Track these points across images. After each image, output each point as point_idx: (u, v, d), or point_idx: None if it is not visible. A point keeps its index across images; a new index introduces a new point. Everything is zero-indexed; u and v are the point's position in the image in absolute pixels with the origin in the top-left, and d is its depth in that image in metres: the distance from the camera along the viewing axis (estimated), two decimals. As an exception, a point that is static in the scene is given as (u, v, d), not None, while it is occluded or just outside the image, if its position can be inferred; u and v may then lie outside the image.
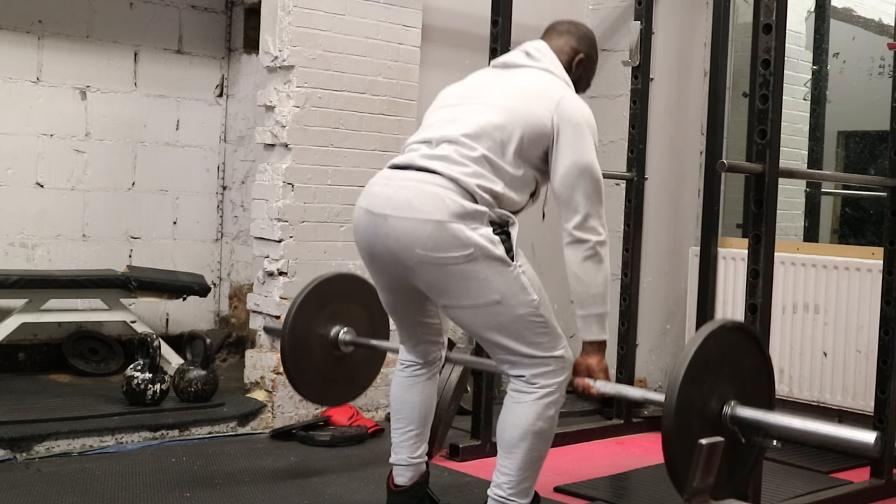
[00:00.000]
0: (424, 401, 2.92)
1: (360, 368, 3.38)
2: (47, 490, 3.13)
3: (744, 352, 2.43)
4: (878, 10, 4.88)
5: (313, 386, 3.28)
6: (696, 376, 2.27)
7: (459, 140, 2.56)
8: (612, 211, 4.46)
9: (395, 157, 2.69)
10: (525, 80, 2.67)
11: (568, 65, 2.77)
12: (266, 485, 3.31)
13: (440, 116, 2.70)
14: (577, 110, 2.59)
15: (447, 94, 2.81)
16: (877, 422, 3.48)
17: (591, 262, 2.55)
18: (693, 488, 2.33)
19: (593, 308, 2.58)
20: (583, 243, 2.54)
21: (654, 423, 4.38)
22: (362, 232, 2.63)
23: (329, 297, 3.26)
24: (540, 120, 2.56)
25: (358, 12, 4.22)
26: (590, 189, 2.54)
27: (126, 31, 4.98)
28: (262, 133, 4.17)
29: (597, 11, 5.08)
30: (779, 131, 2.93)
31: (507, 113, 2.57)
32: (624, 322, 4.34)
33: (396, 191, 2.53)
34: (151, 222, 5.11)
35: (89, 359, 4.68)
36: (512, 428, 2.59)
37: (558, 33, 2.83)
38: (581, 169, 2.54)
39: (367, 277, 3.46)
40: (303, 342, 3.20)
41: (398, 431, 2.91)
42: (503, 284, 2.49)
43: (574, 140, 2.55)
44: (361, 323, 3.30)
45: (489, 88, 2.68)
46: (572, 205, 2.54)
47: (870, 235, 4.74)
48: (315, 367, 3.24)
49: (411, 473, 2.89)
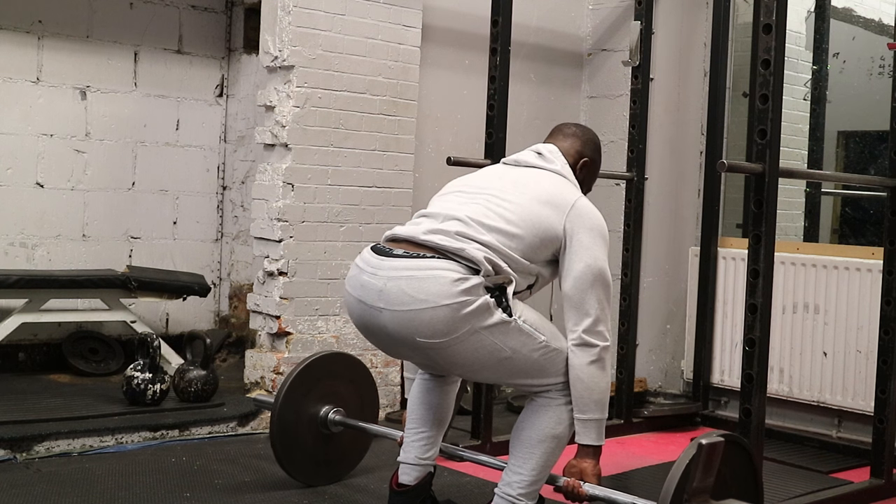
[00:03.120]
0: (441, 404, 2.92)
1: (349, 447, 3.40)
2: (47, 490, 3.13)
3: (734, 463, 2.48)
4: (878, 10, 4.88)
5: (302, 468, 3.29)
6: (685, 489, 2.32)
7: (468, 221, 2.57)
8: (613, 211, 4.46)
9: (396, 228, 2.67)
10: (538, 181, 2.70)
11: (573, 167, 2.81)
12: (266, 485, 3.31)
13: (449, 200, 2.70)
14: (589, 216, 2.63)
15: (456, 183, 2.81)
16: (877, 422, 3.48)
17: (595, 366, 2.58)
18: (693, 488, 2.33)
19: (593, 413, 2.61)
20: (590, 347, 2.58)
21: (654, 424, 4.38)
22: (357, 316, 2.62)
23: (318, 377, 3.28)
24: (552, 223, 2.59)
25: (358, 12, 4.22)
26: (602, 294, 2.59)
27: (126, 31, 4.98)
28: (262, 133, 4.17)
29: (597, 11, 5.08)
30: (779, 131, 2.93)
31: (521, 211, 2.60)
32: (624, 322, 4.34)
33: (387, 283, 2.51)
34: (151, 222, 5.10)
35: (89, 359, 4.68)
36: (533, 428, 2.62)
37: (564, 136, 2.87)
38: (595, 275, 2.58)
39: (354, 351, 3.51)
40: (292, 423, 3.22)
41: (410, 431, 2.92)
42: (510, 341, 2.52)
43: (588, 245, 2.59)
44: (351, 401, 3.34)
45: (502, 182, 2.70)
46: (583, 308, 2.58)
47: (870, 235, 4.75)
48: (304, 448, 3.26)
49: (417, 473, 2.88)
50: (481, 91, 3.87)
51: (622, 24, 4.90)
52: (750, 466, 2.56)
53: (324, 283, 4.20)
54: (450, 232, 2.55)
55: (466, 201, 2.65)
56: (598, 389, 2.59)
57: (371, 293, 2.53)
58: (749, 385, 2.93)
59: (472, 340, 2.48)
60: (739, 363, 3.06)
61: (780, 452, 3.92)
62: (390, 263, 2.54)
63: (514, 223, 2.58)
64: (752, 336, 2.94)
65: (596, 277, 2.58)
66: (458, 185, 2.79)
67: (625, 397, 4.33)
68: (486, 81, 3.80)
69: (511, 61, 3.81)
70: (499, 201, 2.62)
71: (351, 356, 3.46)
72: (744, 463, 2.54)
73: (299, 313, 4.13)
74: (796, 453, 3.98)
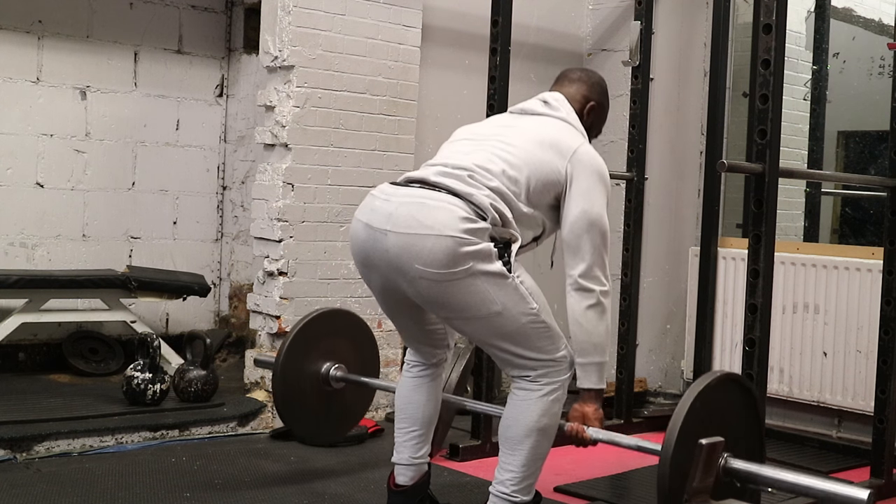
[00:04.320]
0: (429, 402, 2.93)
1: (351, 404, 3.41)
2: (47, 490, 3.13)
3: (736, 403, 2.47)
4: (878, 10, 4.88)
5: (306, 425, 3.31)
6: (690, 430, 2.31)
7: (475, 169, 2.60)
8: (613, 211, 4.43)
9: (408, 172, 2.72)
10: (543, 127, 2.71)
11: (580, 112, 2.82)
12: (266, 485, 3.31)
13: (457, 149, 2.72)
14: (590, 162, 2.64)
15: (464, 130, 2.84)
16: (877, 422, 3.48)
17: (594, 311, 2.59)
18: (693, 488, 2.33)
19: (593, 357, 2.61)
20: (587, 292, 2.58)
21: (654, 423, 4.38)
22: (360, 245, 2.63)
23: (319, 335, 3.29)
24: (553, 167, 2.61)
25: (358, 12, 4.22)
26: (598, 240, 2.59)
27: (126, 31, 4.98)
28: (262, 133, 4.17)
29: (597, 11, 5.08)
30: (779, 131, 2.93)
31: (524, 154, 2.62)
32: (624, 322, 4.34)
33: (398, 207, 2.54)
34: (151, 222, 5.11)
35: (89, 359, 4.68)
36: (517, 425, 2.61)
37: (570, 81, 2.87)
38: (591, 220, 2.59)
39: (356, 310, 3.52)
40: (294, 381, 3.23)
41: (402, 431, 2.92)
42: (503, 296, 2.52)
43: (586, 190, 2.60)
44: (351, 358, 3.35)
45: (507, 130, 2.73)
46: (579, 253, 2.59)
47: (870, 235, 4.75)
48: (307, 404, 3.27)
49: (413, 473, 2.89)
50: (481, 91, 3.87)
51: (622, 24, 4.90)
52: (752, 404, 2.51)
53: (324, 283, 4.20)
54: (461, 176, 2.57)
55: (473, 149, 2.67)
56: (597, 333, 2.59)
57: (380, 216, 2.56)
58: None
59: (468, 283, 2.48)
60: (739, 363, 3.05)
61: (780, 452, 3.92)
62: (405, 191, 2.59)
63: (516, 167, 2.60)
64: (752, 336, 2.94)
65: (592, 223, 2.59)
66: (465, 133, 2.82)
67: (625, 397, 4.33)
68: (486, 81, 3.80)
69: (511, 61, 3.80)
70: (503, 146, 2.65)
71: (351, 313, 3.43)
72: (745, 401, 2.49)
73: (299, 313, 4.12)
74: (796, 453, 3.98)
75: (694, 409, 2.32)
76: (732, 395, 2.46)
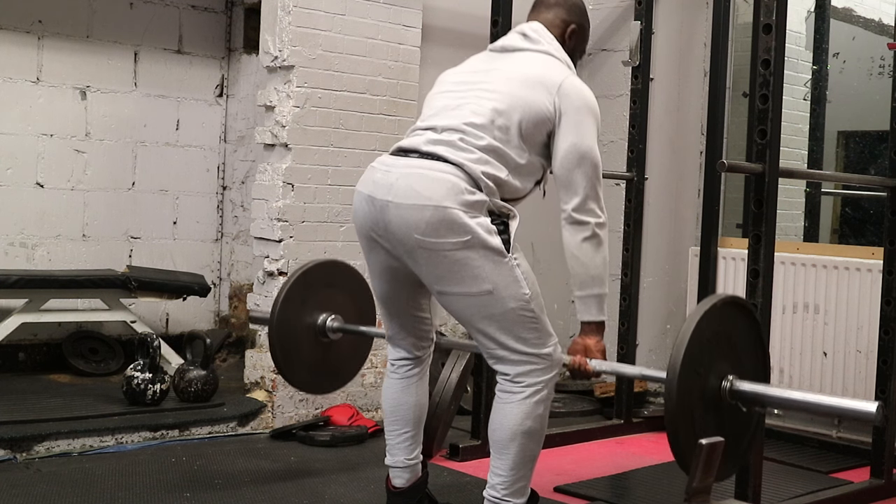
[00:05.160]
0: (419, 402, 2.90)
1: (348, 356, 3.37)
2: (47, 490, 3.13)
3: (739, 326, 2.43)
4: (878, 10, 4.88)
5: (304, 378, 3.26)
6: (694, 354, 2.27)
7: (464, 129, 2.56)
8: (613, 211, 4.44)
9: (400, 141, 2.68)
10: (525, 65, 2.66)
11: (561, 38, 2.75)
12: (266, 485, 3.31)
13: (443, 104, 2.68)
14: (578, 94, 2.59)
15: (447, 79, 2.79)
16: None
17: (589, 243, 2.55)
18: (693, 488, 2.33)
19: (592, 289, 2.58)
20: (582, 225, 2.55)
21: (654, 423, 4.38)
22: (362, 218, 2.63)
23: (314, 286, 3.24)
24: (541, 104, 2.56)
25: (358, 12, 4.22)
26: (589, 172, 2.55)
27: (126, 31, 4.98)
28: (262, 133, 4.17)
29: (597, 11, 5.08)
30: (779, 131, 2.93)
31: (510, 98, 2.57)
32: (624, 322, 4.34)
33: (398, 178, 2.53)
34: (151, 222, 5.11)
35: (89, 359, 4.68)
36: (501, 429, 2.57)
37: (547, 7, 2.79)
38: (581, 152, 2.55)
39: (358, 266, 3.47)
40: (290, 331, 3.18)
41: (394, 434, 2.90)
42: (496, 275, 2.49)
43: (575, 123, 2.56)
44: (348, 310, 3.30)
45: (490, 74, 2.67)
46: (572, 187, 2.55)
47: (870, 235, 4.74)
48: (303, 356, 3.22)
49: (409, 475, 2.88)
50: (481, 91, 3.86)
51: (622, 24, 4.90)
52: (755, 327, 2.48)
53: (324, 283, 4.20)
54: (452, 142, 2.55)
55: (460, 102, 2.62)
56: (594, 265, 2.55)
57: (382, 188, 2.55)
58: (749, 385, 2.93)
59: (463, 255, 2.46)
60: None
61: (780, 452, 3.92)
62: (404, 161, 2.58)
63: (505, 114, 2.56)
64: (752, 336, 2.93)
65: (583, 156, 2.55)
66: (449, 82, 2.76)
67: (625, 397, 4.33)
68: (486, 81, 3.79)
69: (511, 61, 3.80)
70: (488, 94, 2.60)
71: (345, 264, 3.39)
72: (749, 324, 2.47)
73: (299, 313, 4.13)
74: (796, 453, 3.98)
75: (698, 332, 2.28)
76: (736, 317, 2.42)
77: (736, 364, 2.37)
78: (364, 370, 4.26)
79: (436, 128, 2.61)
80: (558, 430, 4.10)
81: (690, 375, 2.27)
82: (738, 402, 2.35)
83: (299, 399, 4.08)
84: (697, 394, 2.31)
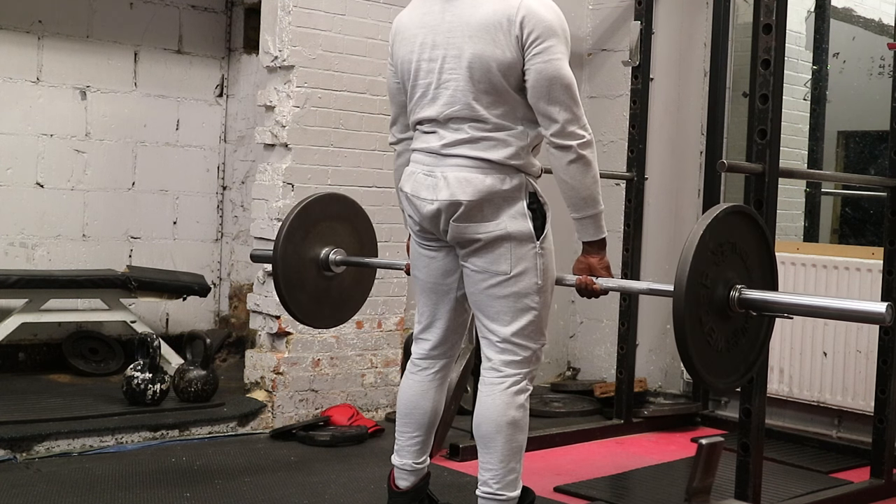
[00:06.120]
0: (435, 408, 2.87)
1: (351, 288, 3.34)
2: (47, 490, 3.13)
3: (745, 235, 2.40)
4: (878, 10, 4.87)
5: (309, 311, 3.23)
6: (700, 265, 2.24)
7: (466, 117, 2.55)
8: (613, 211, 4.46)
9: (417, 142, 2.67)
10: (476, 13, 2.53)
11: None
12: (266, 485, 3.31)
13: (425, 83, 2.61)
14: (535, 18, 2.48)
15: (409, 44, 2.65)
16: (877, 422, 3.48)
17: (576, 165, 2.51)
18: (693, 488, 2.33)
19: (586, 210, 2.55)
20: (565, 149, 2.50)
21: (654, 423, 4.38)
22: (410, 212, 2.68)
23: (316, 219, 3.21)
24: (504, 54, 2.49)
25: (358, 12, 4.22)
26: (561, 95, 2.49)
27: (126, 31, 4.98)
28: (262, 133, 4.17)
29: (597, 11, 5.08)
30: (779, 131, 2.93)
31: (479, 61, 2.51)
32: (624, 322, 4.34)
33: (438, 181, 2.57)
34: (151, 222, 5.11)
35: (89, 359, 4.68)
36: (486, 422, 2.58)
37: None
38: (549, 77, 2.48)
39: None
40: (293, 265, 3.14)
41: (405, 436, 2.86)
42: (516, 260, 2.52)
43: (538, 52, 2.49)
44: (350, 242, 3.27)
45: (450, 35, 2.56)
46: (549, 114, 2.51)
47: (870, 235, 4.74)
48: (307, 289, 3.19)
49: (414, 478, 2.87)
50: (481, 91, 3.86)
51: (622, 24, 4.90)
52: (761, 235, 2.45)
53: (324, 283, 4.19)
54: (466, 141, 2.56)
55: (442, 81, 2.57)
56: (585, 186, 2.52)
57: (425, 188, 2.60)
58: (749, 385, 2.93)
59: (498, 240, 2.52)
60: (739, 363, 3.05)
61: (780, 452, 3.92)
62: (443, 161, 2.59)
63: (486, 80, 2.51)
64: (752, 336, 2.93)
65: (551, 80, 2.48)
66: (414, 52, 2.64)
67: (625, 397, 4.33)
68: (486, 81, 3.79)
69: (511, 61, 3.80)
70: (461, 62, 2.53)
71: (346, 197, 3.34)
72: (755, 232, 2.43)
73: (299, 313, 4.13)
74: (796, 453, 3.98)
75: (704, 240, 2.25)
76: (742, 226, 2.39)
77: (743, 273, 2.34)
78: (364, 370, 4.28)
79: (437, 120, 2.60)
80: (558, 430, 4.10)
81: (697, 287, 2.23)
82: (747, 310, 2.32)
83: (299, 399, 4.09)
84: (705, 305, 2.27)
